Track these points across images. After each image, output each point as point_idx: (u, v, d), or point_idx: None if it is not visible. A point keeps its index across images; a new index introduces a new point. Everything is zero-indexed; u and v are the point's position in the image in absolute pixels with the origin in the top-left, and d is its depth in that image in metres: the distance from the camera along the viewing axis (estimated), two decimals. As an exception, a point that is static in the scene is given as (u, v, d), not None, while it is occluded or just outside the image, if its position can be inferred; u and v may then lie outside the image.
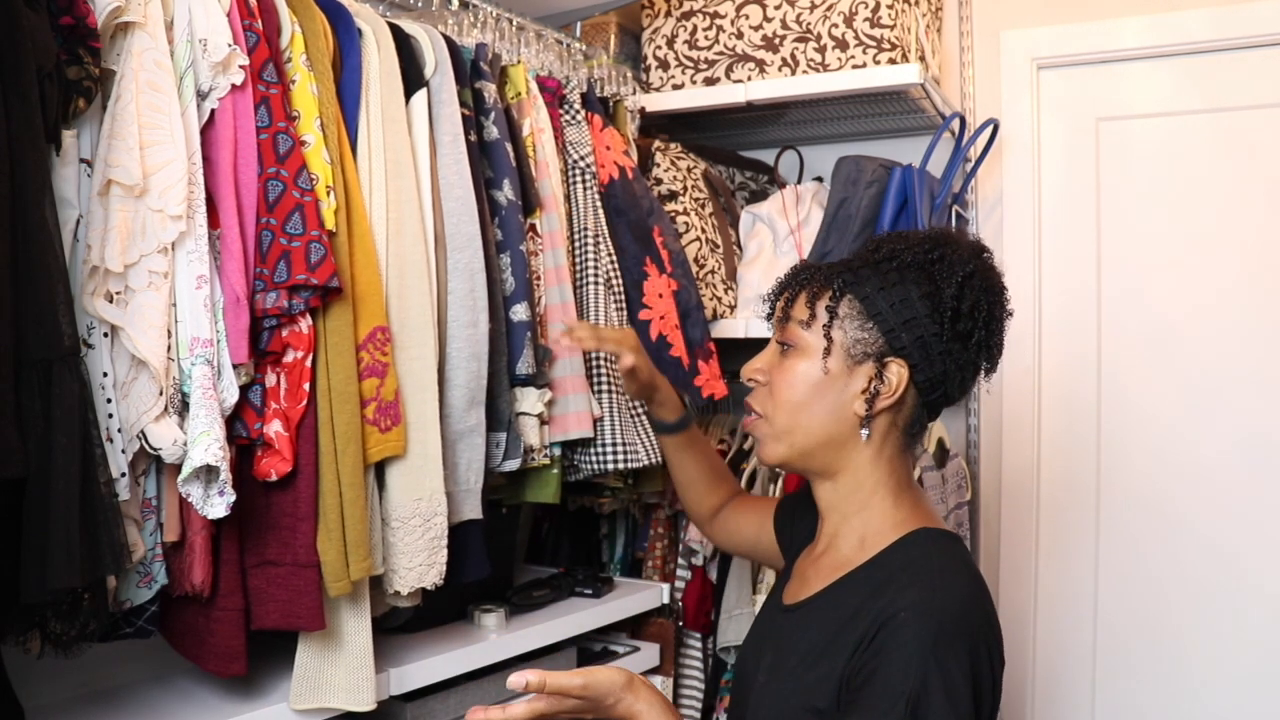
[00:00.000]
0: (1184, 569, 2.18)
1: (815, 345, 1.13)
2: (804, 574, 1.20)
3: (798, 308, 1.15)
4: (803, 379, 1.14)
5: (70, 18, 1.01)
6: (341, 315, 1.20)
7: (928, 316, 1.11)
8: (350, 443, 1.19)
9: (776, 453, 1.17)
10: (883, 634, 1.00)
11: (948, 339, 1.11)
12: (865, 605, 1.05)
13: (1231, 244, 2.15)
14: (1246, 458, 2.13)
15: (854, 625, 1.05)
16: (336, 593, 1.18)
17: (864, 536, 1.14)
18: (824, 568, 1.16)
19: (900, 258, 1.13)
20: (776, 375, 1.16)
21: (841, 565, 1.14)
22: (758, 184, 2.42)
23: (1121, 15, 2.20)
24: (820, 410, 1.14)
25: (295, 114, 1.21)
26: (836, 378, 1.13)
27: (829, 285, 1.14)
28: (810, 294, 1.14)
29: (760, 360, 1.20)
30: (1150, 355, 2.22)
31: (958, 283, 1.11)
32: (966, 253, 1.14)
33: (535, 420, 1.50)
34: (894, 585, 1.05)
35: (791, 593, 1.20)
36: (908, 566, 1.08)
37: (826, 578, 1.15)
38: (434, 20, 1.57)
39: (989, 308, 1.14)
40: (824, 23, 2.01)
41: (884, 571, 1.09)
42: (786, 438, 1.16)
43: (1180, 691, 2.18)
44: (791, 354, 1.15)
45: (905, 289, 1.11)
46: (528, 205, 1.55)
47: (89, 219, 1.02)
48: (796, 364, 1.14)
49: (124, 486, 1.02)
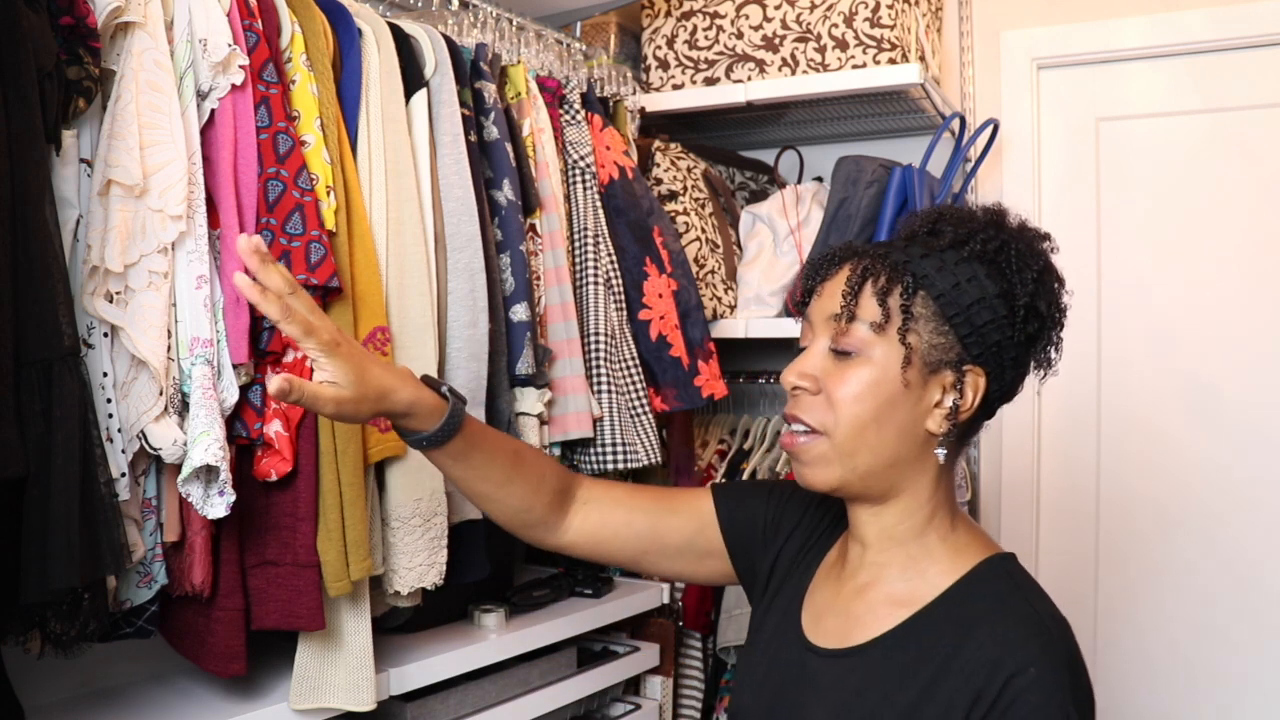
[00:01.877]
0: (1184, 568, 2.18)
1: (890, 352, 0.96)
2: (845, 612, 1.02)
3: (865, 305, 0.96)
4: (874, 391, 0.96)
5: (70, 18, 1.01)
6: (341, 315, 1.20)
7: (1004, 319, 0.97)
8: (350, 442, 1.19)
9: (832, 476, 0.98)
10: (1011, 690, 0.87)
11: (1019, 342, 0.99)
12: (964, 651, 0.91)
13: (1231, 243, 2.15)
14: (1246, 456, 2.13)
15: (955, 676, 0.91)
16: (336, 593, 1.18)
17: (925, 568, 0.99)
18: (875, 604, 1.00)
19: (968, 246, 0.98)
20: (835, 385, 0.97)
21: (902, 602, 0.98)
22: (758, 184, 2.42)
23: (1121, 15, 2.20)
24: (892, 427, 0.96)
25: (295, 114, 1.21)
26: (911, 390, 0.96)
27: (897, 278, 0.96)
28: (878, 289, 0.96)
29: (809, 363, 0.99)
30: (1150, 355, 2.22)
31: (1033, 279, 0.99)
32: (1035, 242, 1.02)
33: (535, 420, 1.50)
34: (997, 628, 0.92)
35: (831, 632, 1.02)
36: (1000, 604, 0.94)
37: (886, 617, 0.98)
38: (434, 20, 1.57)
39: (1058, 307, 1.04)
40: (824, 23, 2.01)
41: (968, 609, 0.95)
42: (849, 460, 0.97)
43: (1181, 691, 2.18)
44: (857, 360, 0.96)
45: (980, 286, 0.96)
46: (528, 205, 1.55)
47: (89, 219, 1.02)
48: (863, 372, 0.96)
49: (124, 486, 1.02)
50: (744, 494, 1.19)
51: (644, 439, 1.65)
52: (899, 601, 0.98)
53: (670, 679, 1.89)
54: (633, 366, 1.69)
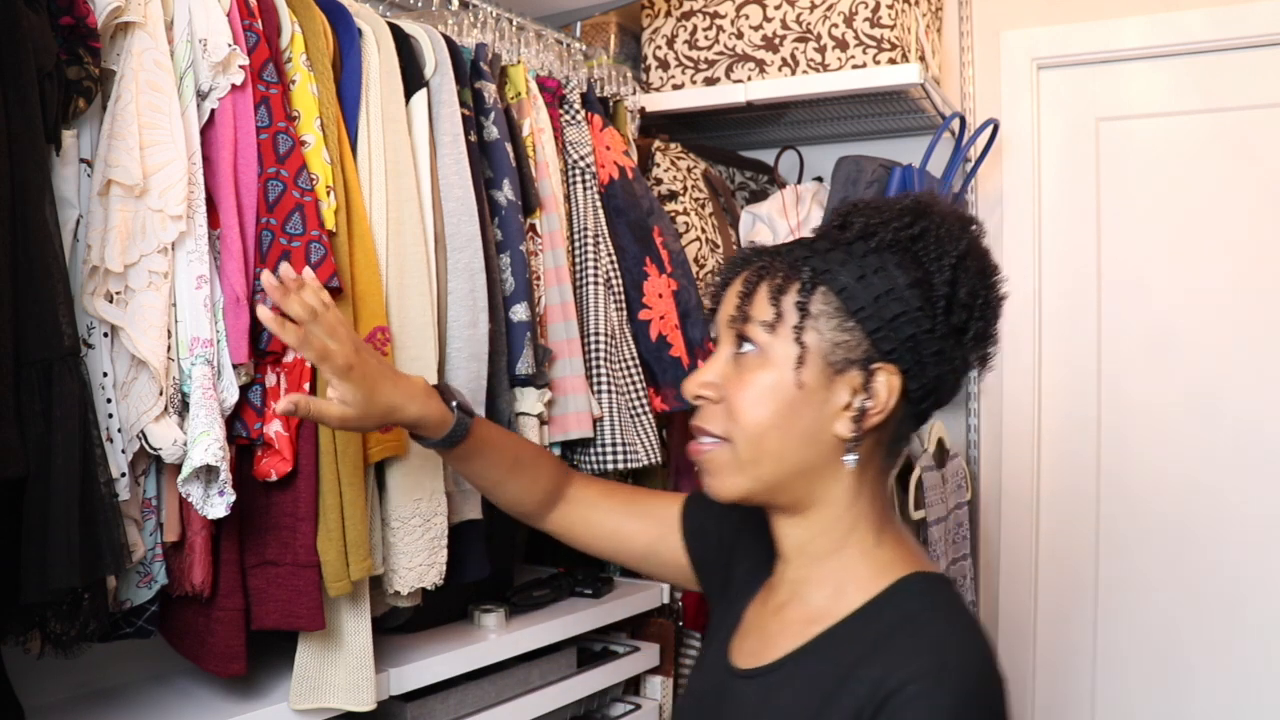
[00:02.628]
0: (1184, 568, 2.18)
1: (784, 352, 0.91)
2: (763, 630, 0.99)
3: (758, 305, 0.92)
4: (771, 394, 0.91)
5: (70, 18, 1.01)
6: (342, 315, 1.20)
7: (919, 310, 0.90)
8: (350, 443, 1.19)
9: (738, 486, 0.94)
10: (888, 709, 0.82)
11: (941, 335, 0.92)
12: (857, 671, 0.86)
13: (1231, 243, 2.15)
14: (1246, 456, 2.13)
15: (844, 697, 0.86)
16: (336, 593, 1.17)
17: (841, 583, 0.94)
18: (791, 622, 0.96)
19: (878, 236, 0.91)
20: (735, 391, 0.93)
21: (815, 619, 0.94)
22: (758, 184, 2.42)
23: (1121, 15, 2.20)
24: (795, 432, 0.91)
25: (295, 114, 1.21)
26: (813, 391, 0.91)
27: (795, 275, 0.91)
28: (773, 287, 0.92)
29: (710, 371, 0.95)
30: (1150, 355, 2.22)
31: (950, 266, 0.91)
32: (955, 227, 0.94)
33: (535, 420, 1.50)
34: (893, 647, 0.86)
35: (748, 653, 0.98)
36: (907, 623, 0.89)
37: (797, 635, 0.94)
38: (434, 20, 1.57)
39: (985, 294, 0.95)
40: (824, 23, 2.01)
41: (876, 628, 0.90)
42: (752, 468, 0.93)
43: (1181, 691, 2.18)
44: (753, 363, 0.93)
45: (890, 277, 0.90)
46: (528, 205, 1.55)
47: (89, 219, 1.02)
48: (761, 376, 0.92)
49: (124, 486, 1.02)
50: (713, 506, 1.11)
51: (644, 439, 1.65)
52: (812, 619, 0.94)
53: (670, 679, 1.89)
54: (633, 366, 1.69)
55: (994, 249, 1.00)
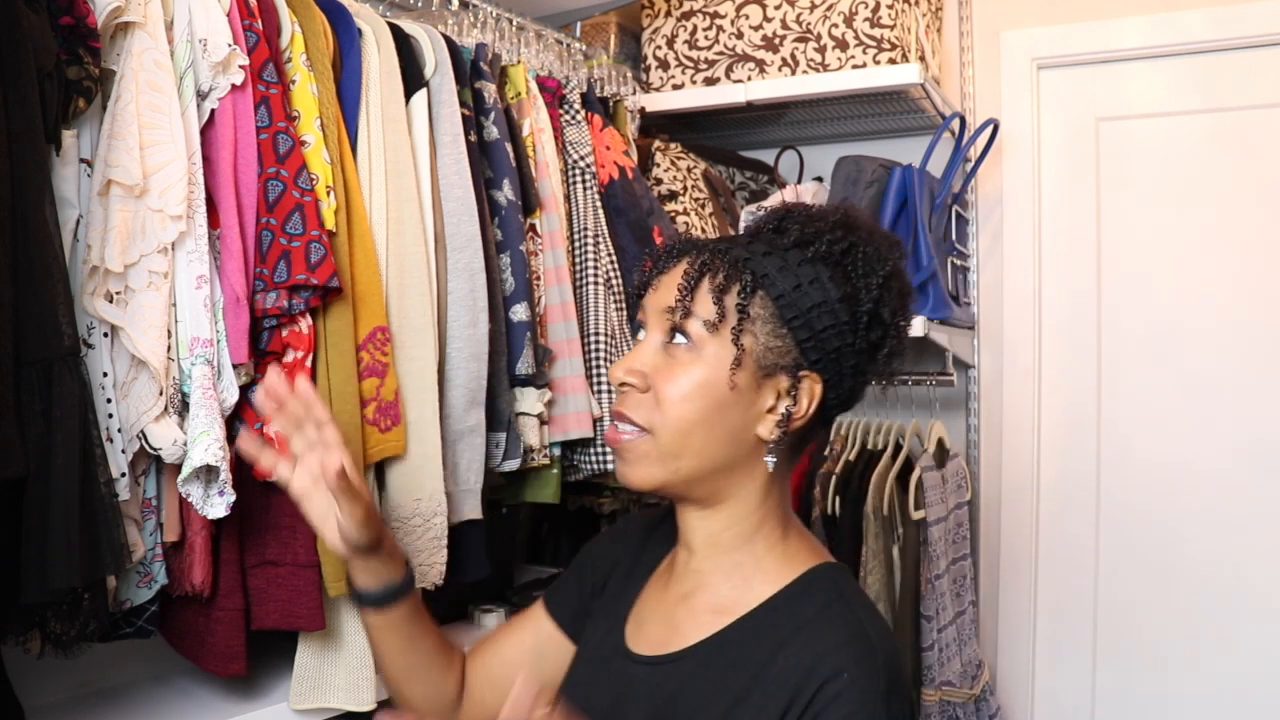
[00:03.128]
0: (1184, 568, 2.18)
1: (721, 352, 0.92)
2: (666, 618, 1.00)
3: (699, 301, 0.93)
4: (701, 392, 0.92)
5: (70, 18, 1.01)
6: (341, 315, 1.20)
7: (846, 324, 0.93)
8: (350, 443, 1.19)
9: (655, 476, 0.94)
10: (824, 696, 0.85)
11: (859, 350, 0.95)
12: (778, 658, 0.89)
13: (1231, 243, 2.15)
14: (1246, 456, 2.13)
15: (770, 683, 0.89)
16: (336, 593, 1.17)
17: (749, 575, 0.97)
18: (697, 612, 0.97)
19: (813, 246, 0.94)
20: (663, 382, 0.93)
21: (724, 609, 0.96)
22: (758, 184, 2.42)
23: (1121, 15, 2.20)
24: (720, 431, 0.93)
25: (295, 114, 1.21)
26: (742, 393, 0.93)
27: (736, 276, 0.92)
28: (715, 285, 0.92)
29: (640, 359, 0.95)
30: (1150, 355, 2.22)
31: (878, 285, 0.94)
32: (882, 246, 0.96)
33: (535, 420, 1.50)
34: (815, 635, 0.90)
35: (650, 639, 1.00)
36: (826, 610, 0.93)
37: (706, 625, 0.96)
38: (434, 20, 1.57)
39: (904, 315, 0.98)
40: (824, 23, 2.01)
41: (791, 618, 0.93)
42: (672, 461, 0.93)
43: (1180, 691, 2.18)
44: (685, 357, 0.93)
45: (823, 289, 0.93)
46: (527, 205, 1.55)
47: (89, 219, 1.02)
48: (693, 371, 0.92)
49: (124, 486, 1.02)
50: (566, 581, 1.16)
51: (644, 439, 1.65)
52: (721, 609, 0.96)
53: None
54: (633, 366, 1.69)
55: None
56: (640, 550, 1.11)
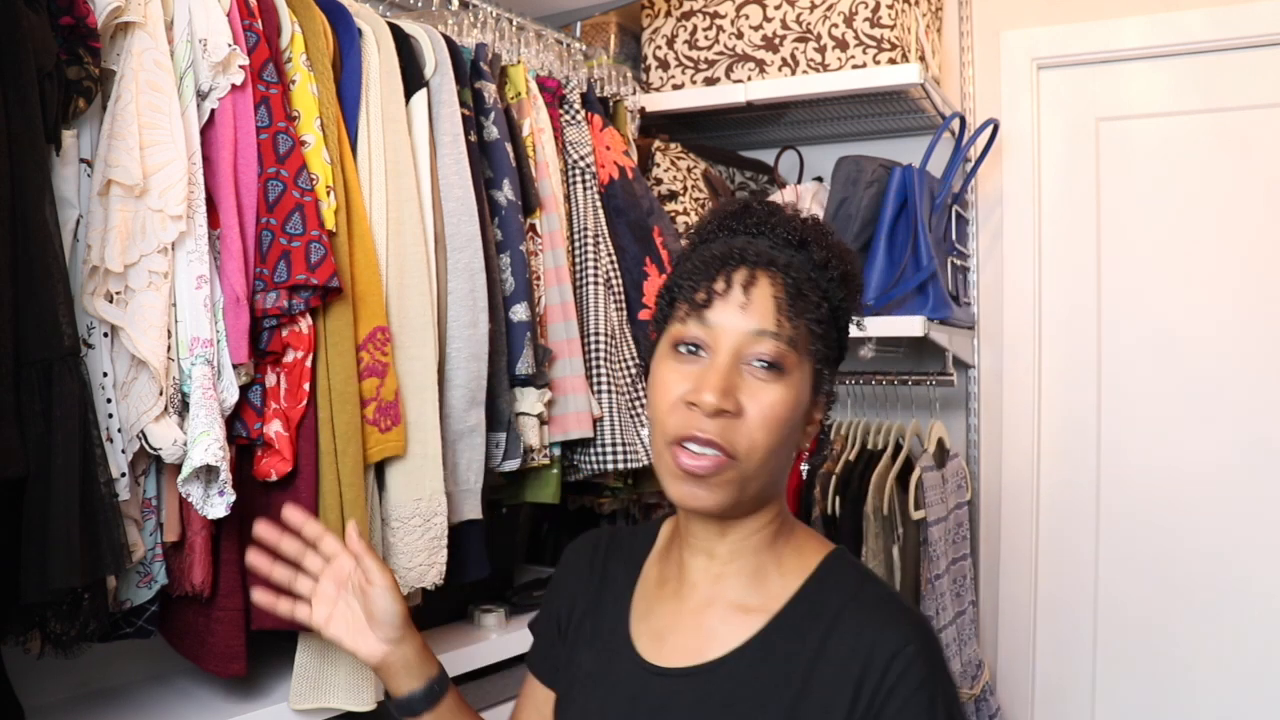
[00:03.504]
0: (1184, 569, 2.18)
1: (804, 373, 0.93)
2: (690, 626, 0.98)
3: (799, 325, 0.91)
4: (790, 414, 0.91)
5: (70, 18, 1.01)
6: (341, 315, 1.20)
7: (846, 335, 0.99)
8: (350, 443, 1.19)
9: (729, 500, 0.92)
10: (895, 670, 0.87)
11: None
12: (829, 646, 0.91)
13: (1231, 243, 2.15)
14: (1246, 456, 2.13)
15: (828, 670, 0.90)
16: (336, 593, 1.17)
17: (770, 573, 0.97)
18: (728, 614, 0.97)
19: (832, 267, 0.95)
20: (754, 405, 0.90)
21: (755, 608, 0.96)
22: (758, 184, 2.42)
23: (1121, 15, 2.20)
24: (787, 448, 0.93)
25: (295, 114, 1.21)
26: (807, 411, 0.95)
27: (819, 298, 0.93)
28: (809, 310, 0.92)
29: (727, 380, 0.89)
30: (1150, 355, 2.22)
31: (861, 305, 1.00)
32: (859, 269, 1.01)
33: (535, 420, 1.50)
34: (862, 617, 0.91)
35: (677, 650, 0.97)
36: (855, 595, 0.94)
37: (742, 626, 0.95)
38: (434, 20, 1.57)
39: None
40: (824, 23, 2.01)
41: (826, 606, 0.94)
42: (750, 483, 0.92)
43: (1180, 691, 2.18)
44: (770, 378, 0.90)
45: (848, 309, 0.97)
46: (527, 205, 1.55)
47: (89, 219, 1.02)
48: (785, 394, 0.91)
49: (124, 486, 1.02)
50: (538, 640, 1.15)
51: (644, 439, 1.65)
52: (751, 609, 0.96)
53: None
54: (633, 366, 1.70)
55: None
56: (601, 572, 1.08)
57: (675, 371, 0.92)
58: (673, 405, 0.91)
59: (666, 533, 1.08)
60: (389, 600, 1.02)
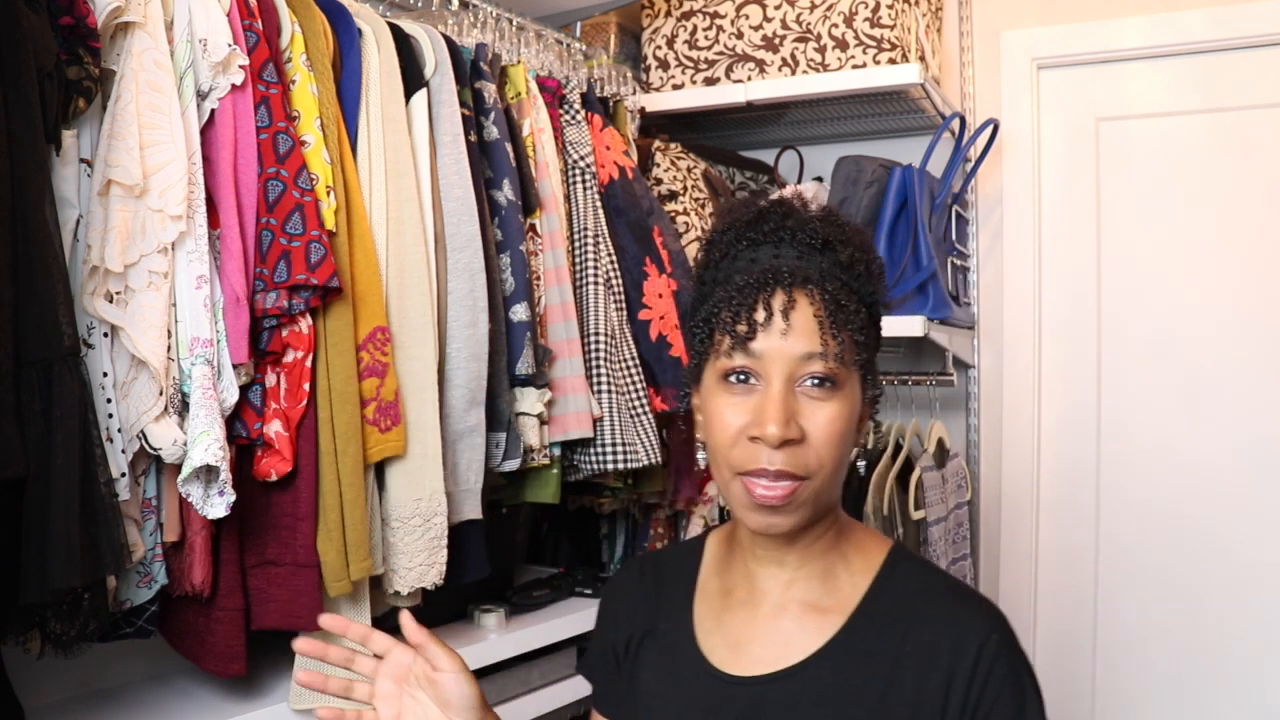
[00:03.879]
0: (1184, 568, 2.18)
1: (855, 383, 0.94)
2: (765, 634, 0.99)
3: (844, 339, 0.92)
4: (850, 426, 0.92)
5: (70, 18, 1.01)
6: (341, 315, 1.20)
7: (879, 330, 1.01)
8: (350, 443, 1.19)
9: (804, 518, 0.93)
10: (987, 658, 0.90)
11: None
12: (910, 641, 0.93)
13: (1231, 243, 2.15)
14: (1246, 456, 2.13)
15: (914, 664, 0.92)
16: (336, 593, 1.18)
17: (839, 573, 0.98)
18: (803, 619, 0.97)
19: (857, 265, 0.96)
20: (815, 425, 0.90)
21: (829, 609, 0.97)
22: (758, 184, 2.42)
23: (1121, 15, 2.20)
24: (848, 453, 0.94)
25: (295, 114, 1.21)
26: (858, 411, 0.95)
27: (858, 307, 0.94)
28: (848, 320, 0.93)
29: (786, 409, 0.89)
30: (1150, 355, 2.22)
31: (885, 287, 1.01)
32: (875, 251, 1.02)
33: (535, 420, 1.50)
34: (940, 610, 0.94)
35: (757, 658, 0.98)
36: (926, 588, 0.97)
37: (819, 628, 0.96)
38: (434, 20, 1.57)
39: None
40: (824, 23, 2.01)
41: (898, 601, 0.96)
42: (821, 498, 0.93)
43: (1181, 691, 2.18)
44: (825, 395, 0.91)
45: (879, 307, 0.99)
46: (528, 205, 1.55)
47: (89, 219, 1.02)
48: (843, 409, 0.91)
49: (124, 486, 1.02)
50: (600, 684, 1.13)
51: (644, 439, 1.65)
52: (825, 610, 0.97)
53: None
54: (633, 366, 1.69)
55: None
56: (653, 594, 1.08)
57: (730, 404, 0.92)
58: (734, 439, 0.91)
59: (716, 545, 1.08)
60: (463, 684, 0.96)
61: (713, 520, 2.04)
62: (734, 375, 0.92)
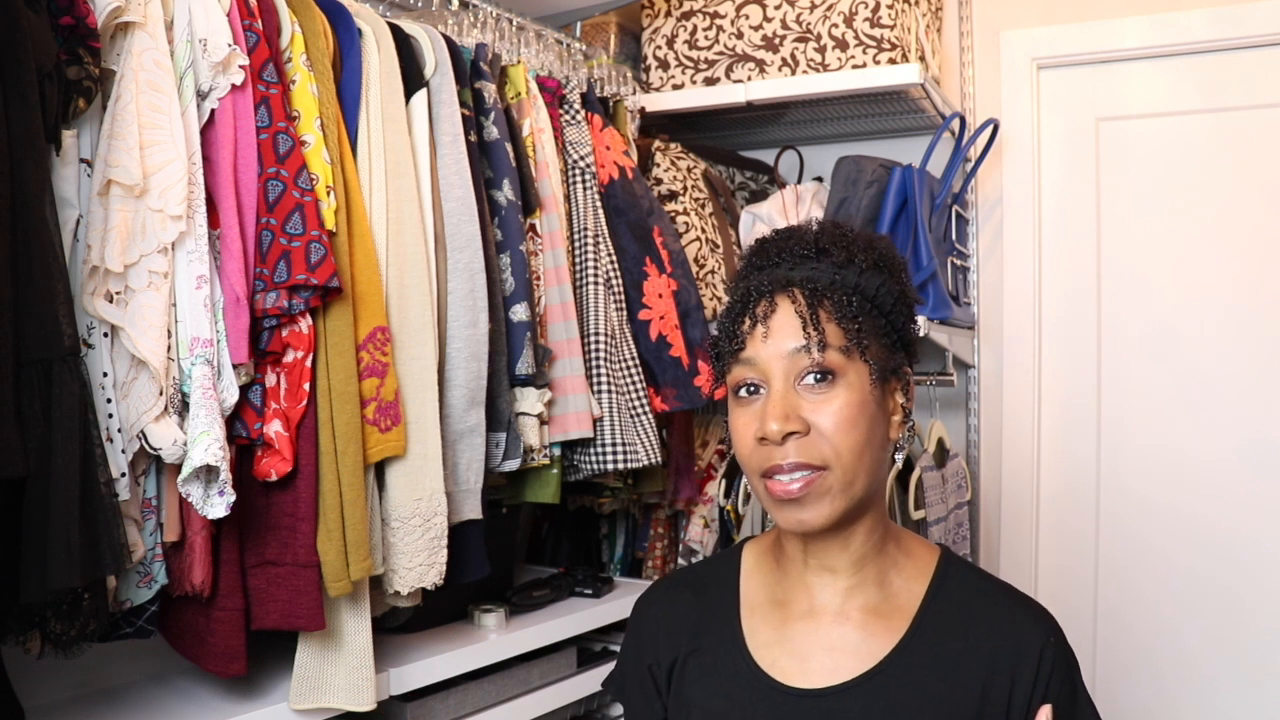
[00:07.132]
0: (1184, 568, 2.18)
1: (860, 371, 0.95)
2: (828, 645, 1.00)
3: (829, 330, 0.95)
4: (861, 413, 0.94)
5: (70, 18, 1.01)
6: (341, 315, 1.20)
7: (909, 318, 1.02)
8: (350, 443, 1.19)
9: (835, 510, 0.95)
10: (1048, 660, 0.97)
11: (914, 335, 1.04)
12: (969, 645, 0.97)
13: (1231, 243, 2.15)
14: (1246, 456, 2.13)
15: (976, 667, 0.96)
16: (336, 593, 1.18)
17: (892, 578, 1.01)
18: (866, 627, 0.99)
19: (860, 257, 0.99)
20: (822, 417, 0.94)
21: (888, 614, 1.00)
22: (758, 184, 2.42)
23: (1121, 15, 2.20)
24: (877, 445, 0.97)
25: (295, 114, 1.21)
26: (880, 403, 0.97)
27: (845, 297, 0.97)
28: (836, 311, 0.96)
29: (783, 405, 0.94)
30: (1150, 354, 2.22)
31: (905, 274, 1.03)
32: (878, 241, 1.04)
33: (535, 420, 1.50)
34: (997, 613, 0.99)
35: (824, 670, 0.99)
36: (981, 592, 1.01)
37: (882, 636, 0.98)
38: (434, 20, 1.57)
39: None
40: (824, 23, 2.01)
41: (954, 605, 0.99)
42: (850, 489, 0.95)
43: (1181, 691, 2.18)
44: (828, 388, 0.94)
45: (890, 291, 1.00)
46: (528, 205, 1.55)
47: (89, 219, 1.02)
48: (850, 397, 0.94)
49: (124, 486, 1.02)
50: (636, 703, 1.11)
51: (644, 439, 1.65)
52: (886, 615, 1.00)
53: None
54: (633, 366, 1.70)
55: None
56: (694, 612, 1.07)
57: (744, 415, 0.97)
58: (751, 445, 0.96)
59: (755, 557, 1.09)
60: None
61: (712, 520, 2.04)
62: (743, 388, 0.98)
